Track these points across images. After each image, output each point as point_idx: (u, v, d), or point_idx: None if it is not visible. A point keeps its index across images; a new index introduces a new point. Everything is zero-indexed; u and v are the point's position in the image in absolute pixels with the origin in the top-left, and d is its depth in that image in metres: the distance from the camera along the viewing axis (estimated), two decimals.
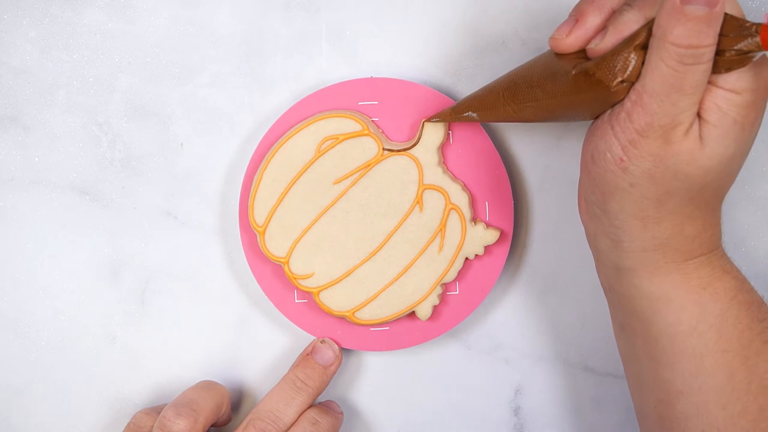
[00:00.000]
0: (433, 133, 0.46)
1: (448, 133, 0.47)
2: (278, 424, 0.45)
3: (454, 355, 0.50)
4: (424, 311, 0.47)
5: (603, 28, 0.37)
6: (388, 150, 0.46)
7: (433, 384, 0.50)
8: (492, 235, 0.47)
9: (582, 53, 0.38)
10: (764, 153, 0.49)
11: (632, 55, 0.35)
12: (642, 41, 0.35)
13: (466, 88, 0.49)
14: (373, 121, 0.47)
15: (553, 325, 0.50)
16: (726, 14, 0.34)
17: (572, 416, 0.50)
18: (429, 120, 0.46)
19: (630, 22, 0.36)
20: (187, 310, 0.50)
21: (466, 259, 0.47)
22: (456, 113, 0.44)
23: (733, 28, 0.34)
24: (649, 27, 0.35)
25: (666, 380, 0.39)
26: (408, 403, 0.50)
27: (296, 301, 0.48)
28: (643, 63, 0.35)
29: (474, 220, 0.47)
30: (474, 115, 0.43)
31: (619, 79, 0.36)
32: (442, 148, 0.47)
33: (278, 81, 0.49)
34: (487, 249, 0.47)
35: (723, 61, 0.34)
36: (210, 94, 0.49)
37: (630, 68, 0.35)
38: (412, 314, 0.47)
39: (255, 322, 0.50)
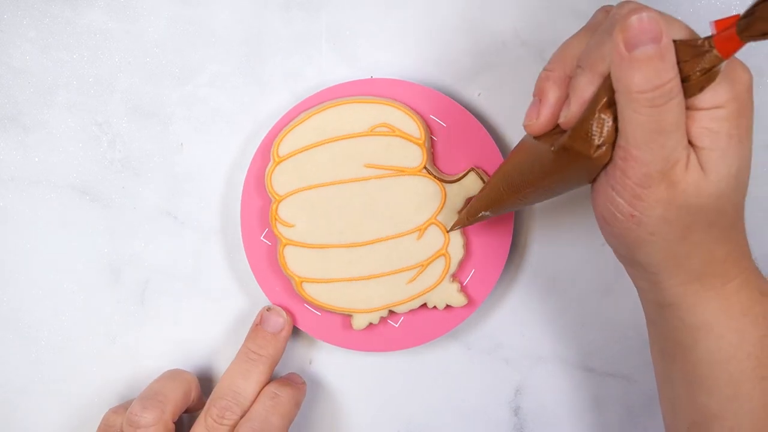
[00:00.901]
0: (473, 183, 0.46)
1: None
2: (238, 399, 0.45)
3: (454, 355, 0.50)
4: (359, 322, 0.47)
5: (567, 99, 0.36)
6: (427, 170, 0.46)
7: (433, 384, 0.50)
8: (459, 300, 0.47)
9: (558, 128, 0.37)
10: (763, 153, 0.49)
11: (602, 117, 0.34)
12: (606, 100, 0.34)
13: (466, 88, 0.49)
14: (432, 138, 0.47)
15: (553, 325, 0.50)
16: (675, 41, 0.33)
17: (572, 416, 0.50)
18: (449, 230, 0.46)
19: (586, 84, 0.35)
20: (186, 310, 0.50)
21: (425, 304, 0.47)
22: (471, 216, 0.44)
23: (687, 51, 0.33)
24: (606, 85, 0.34)
25: (702, 404, 0.39)
26: (408, 403, 0.50)
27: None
28: (614, 120, 0.34)
29: (454, 276, 0.47)
30: (487, 213, 0.43)
31: (597, 144, 0.35)
32: (471, 200, 0.47)
33: (278, 81, 0.49)
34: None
35: (692, 85, 0.33)
36: (210, 94, 0.49)
37: (604, 131, 0.35)
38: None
39: None
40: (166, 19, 0.49)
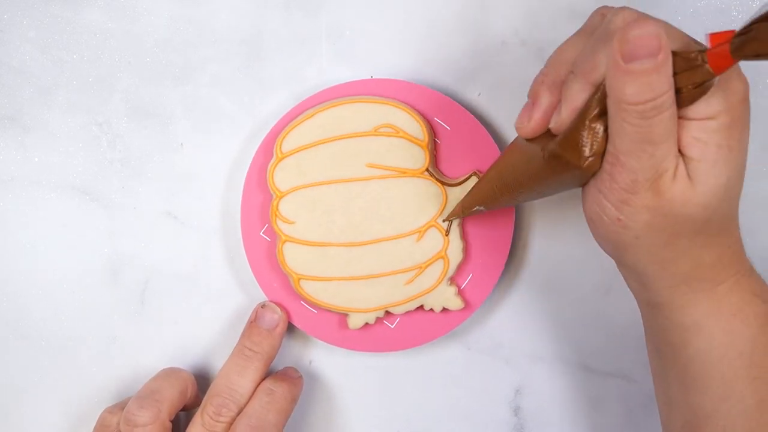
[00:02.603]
0: None
1: None
2: (235, 396, 0.45)
3: (454, 355, 0.50)
4: (354, 322, 0.47)
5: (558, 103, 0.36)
6: (429, 172, 0.46)
7: (433, 384, 0.50)
8: (456, 303, 0.47)
9: (550, 132, 0.37)
10: (762, 153, 0.49)
11: (593, 127, 0.34)
12: (599, 110, 0.34)
13: (466, 88, 0.49)
14: (435, 141, 0.47)
15: (553, 325, 0.50)
16: (671, 52, 0.32)
17: (572, 416, 0.50)
18: (445, 220, 0.46)
19: (578, 92, 0.35)
20: (187, 310, 0.50)
21: (421, 306, 0.47)
22: (465, 209, 0.44)
23: (681, 64, 0.32)
24: (598, 95, 0.34)
25: (695, 404, 0.39)
26: (408, 403, 0.50)
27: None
28: (605, 129, 0.34)
29: (451, 280, 0.47)
30: (481, 208, 0.43)
31: (587, 155, 0.34)
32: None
33: (278, 81, 0.49)
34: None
35: (684, 97, 0.33)
36: (210, 94, 0.49)
37: (595, 142, 0.34)
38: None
39: None
40: (166, 19, 0.49)
